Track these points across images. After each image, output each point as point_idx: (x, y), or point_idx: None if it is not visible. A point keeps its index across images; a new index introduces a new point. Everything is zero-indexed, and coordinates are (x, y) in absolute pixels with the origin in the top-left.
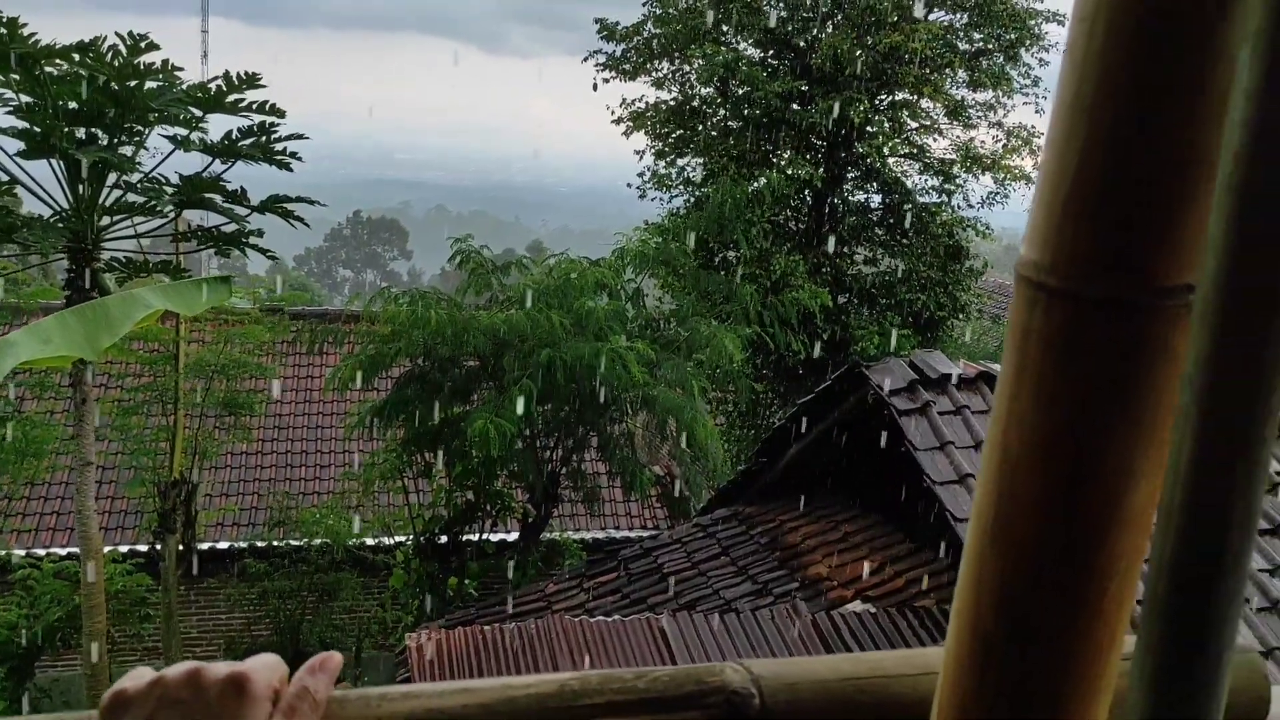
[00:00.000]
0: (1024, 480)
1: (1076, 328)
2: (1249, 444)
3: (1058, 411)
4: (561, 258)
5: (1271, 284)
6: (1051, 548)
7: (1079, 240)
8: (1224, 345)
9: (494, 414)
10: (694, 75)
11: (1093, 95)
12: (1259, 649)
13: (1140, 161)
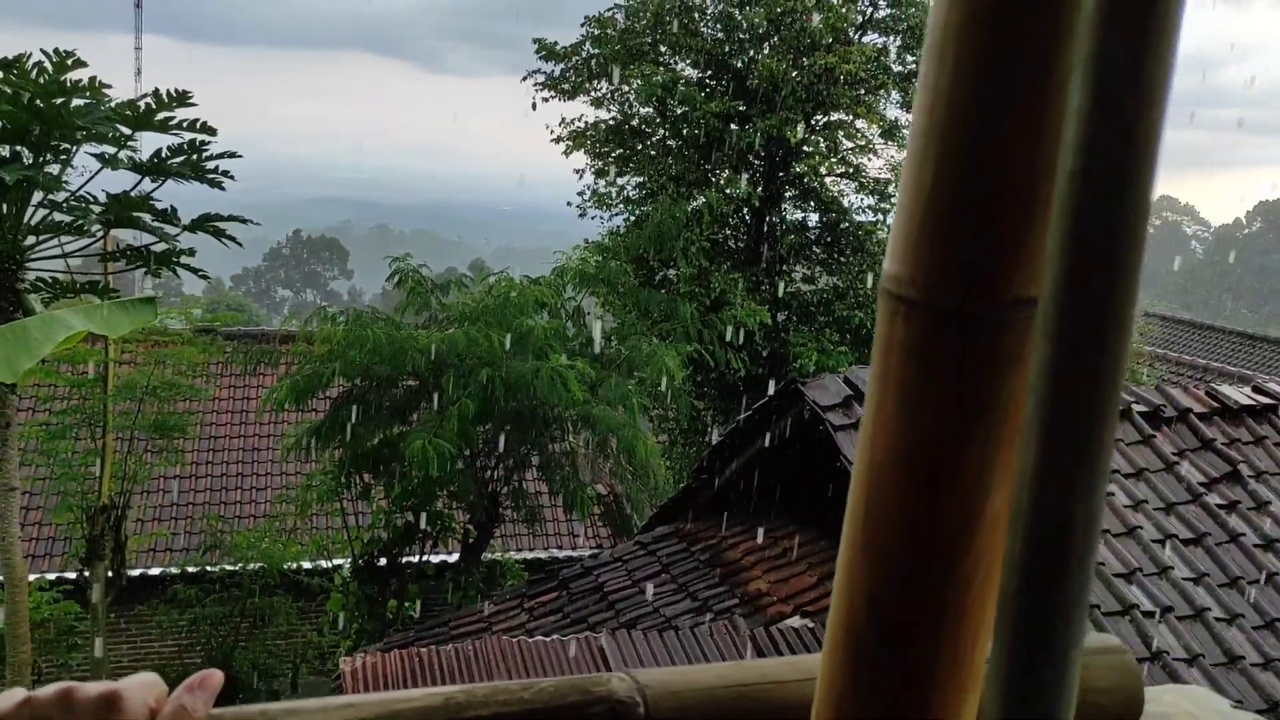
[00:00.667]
0: (889, 487)
1: (933, 339)
2: (1088, 451)
3: (918, 420)
4: (501, 276)
5: (1104, 298)
6: (916, 552)
7: (934, 255)
8: (1062, 356)
9: (433, 434)
10: (633, 95)
11: (943, 118)
12: (1144, 654)
13: (987, 181)
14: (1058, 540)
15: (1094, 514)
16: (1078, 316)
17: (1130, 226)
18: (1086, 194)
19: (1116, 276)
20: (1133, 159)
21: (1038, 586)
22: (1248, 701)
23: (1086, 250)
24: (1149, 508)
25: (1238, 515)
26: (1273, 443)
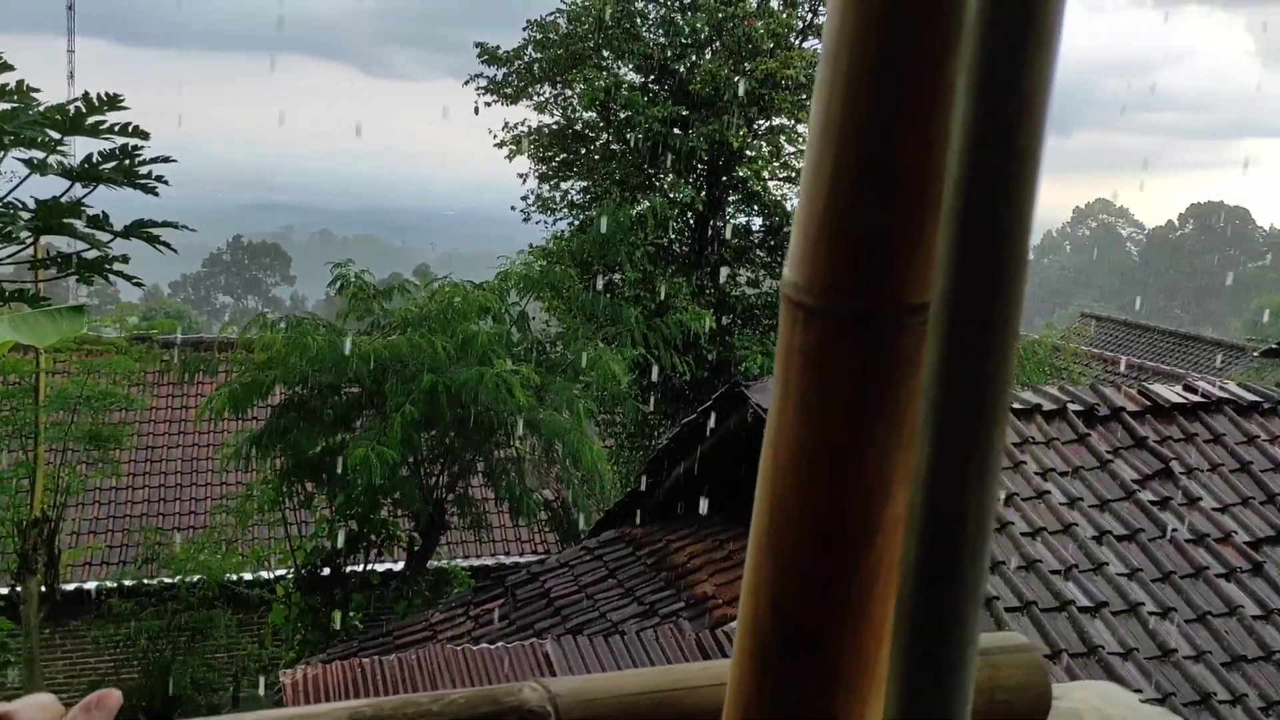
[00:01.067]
0: (791, 491)
1: (832, 344)
2: (978, 449)
3: (819, 425)
4: (444, 282)
5: (990, 301)
6: (819, 555)
7: (831, 261)
8: (951, 359)
9: (376, 441)
10: (575, 100)
11: (839, 125)
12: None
13: (882, 187)
14: (950, 537)
15: (986, 511)
16: (965, 320)
17: (1014, 230)
18: (971, 199)
19: (1002, 280)
20: (1015, 164)
21: (931, 584)
22: (1180, 694)
23: (972, 254)
24: (1084, 505)
25: (1170, 511)
26: (1203, 440)
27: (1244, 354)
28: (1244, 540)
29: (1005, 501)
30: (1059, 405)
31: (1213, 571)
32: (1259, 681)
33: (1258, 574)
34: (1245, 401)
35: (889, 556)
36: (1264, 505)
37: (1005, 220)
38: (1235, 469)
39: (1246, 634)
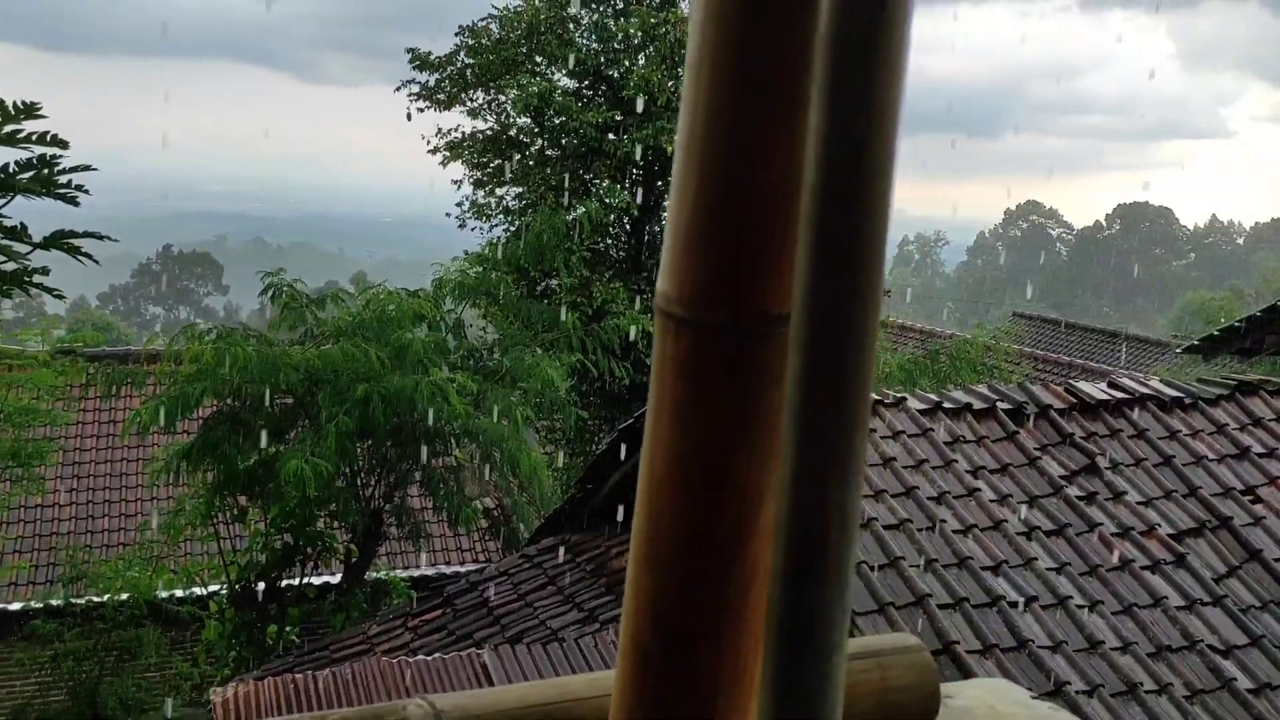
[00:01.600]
0: (666, 500)
1: (701, 355)
2: (840, 456)
3: (691, 433)
4: (379, 289)
5: (846, 312)
6: (694, 562)
7: (698, 273)
8: (810, 367)
9: (310, 453)
10: (509, 105)
11: (701, 139)
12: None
13: (744, 200)
14: (814, 543)
15: (848, 518)
16: (822, 328)
17: (868, 239)
18: (825, 209)
19: (857, 288)
20: (866, 174)
21: (796, 589)
22: (1108, 685)
23: (828, 264)
24: (1014, 501)
25: (1096, 506)
26: (1127, 435)
27: (1169, 350)
28: (1167, 533)
29: (938, 500)
30: (989, 404)
31: (1138, 564)
32: (1183, 670)
33: (1181, 565)
34: (1167, 397)
35: (764, 561)
36: (1186, 498)
37: (859, 229)
38: (1158, 463)
39: (1171, 624)
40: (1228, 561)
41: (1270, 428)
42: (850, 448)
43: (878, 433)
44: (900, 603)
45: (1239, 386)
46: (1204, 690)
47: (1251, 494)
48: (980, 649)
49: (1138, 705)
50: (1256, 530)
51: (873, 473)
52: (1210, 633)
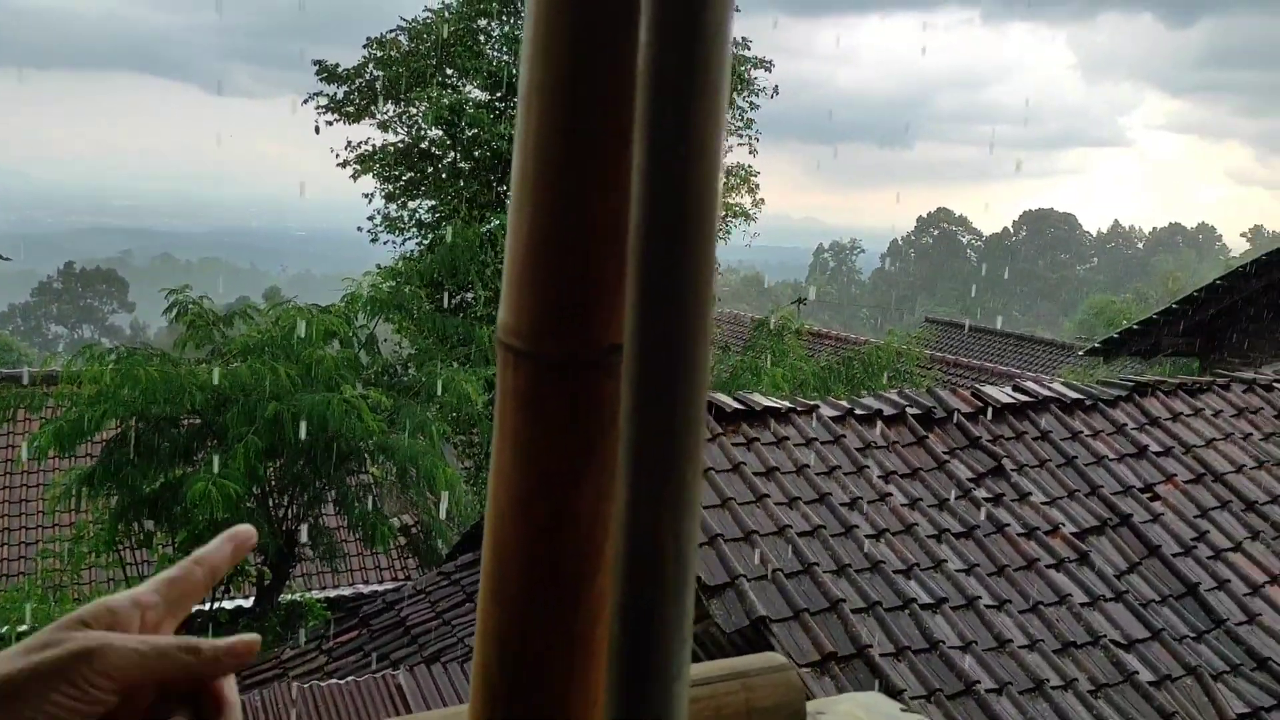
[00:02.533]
0: (511, 533)
1: (541, 387)
2: (673, 489)
3: (533, 466)
4: (288, 306)
5: (674, 342)
6: (541, 596)
7: (536, 305)
8: (642, 400)
9: (217, 474)
10: (420, 118)
11: (533, 168)
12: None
13: (577, 231)
14: (651, 576)
15: (685, 547)
16: (651, 359)
17: (693, 270)
18: (650, 243)
19: (685, 319)
20: (689, 207)
21: (635, 621)
22: (1016, 683)
23: (656, 297)
24: (924, 505)
25: (1003, 507)
26: (1031, 437)
27: (1073, 353)
28: (1071, 531)
29: (850, 505)
30: (899, 409)
31: (1043, 563)
32: (1088, 665)
33: (1084, 563)
34: (1069, 399)
35: (610, 595)
36: (1088, 497)
37: (682, 262)
38: (1061, 464)
39: (1075, 620)
40: (1128, 558)
41: (1166, 427)
42: (683, 476)
43: (791, 440)
44: (815, 609)
45: (1136, 387)
46: (1108, 684)
47: (1150, 491)
48: (893, 652)
49: (1045, 701)
50: (1155, 527)
51: (786, 480)
52: (1113, 628)
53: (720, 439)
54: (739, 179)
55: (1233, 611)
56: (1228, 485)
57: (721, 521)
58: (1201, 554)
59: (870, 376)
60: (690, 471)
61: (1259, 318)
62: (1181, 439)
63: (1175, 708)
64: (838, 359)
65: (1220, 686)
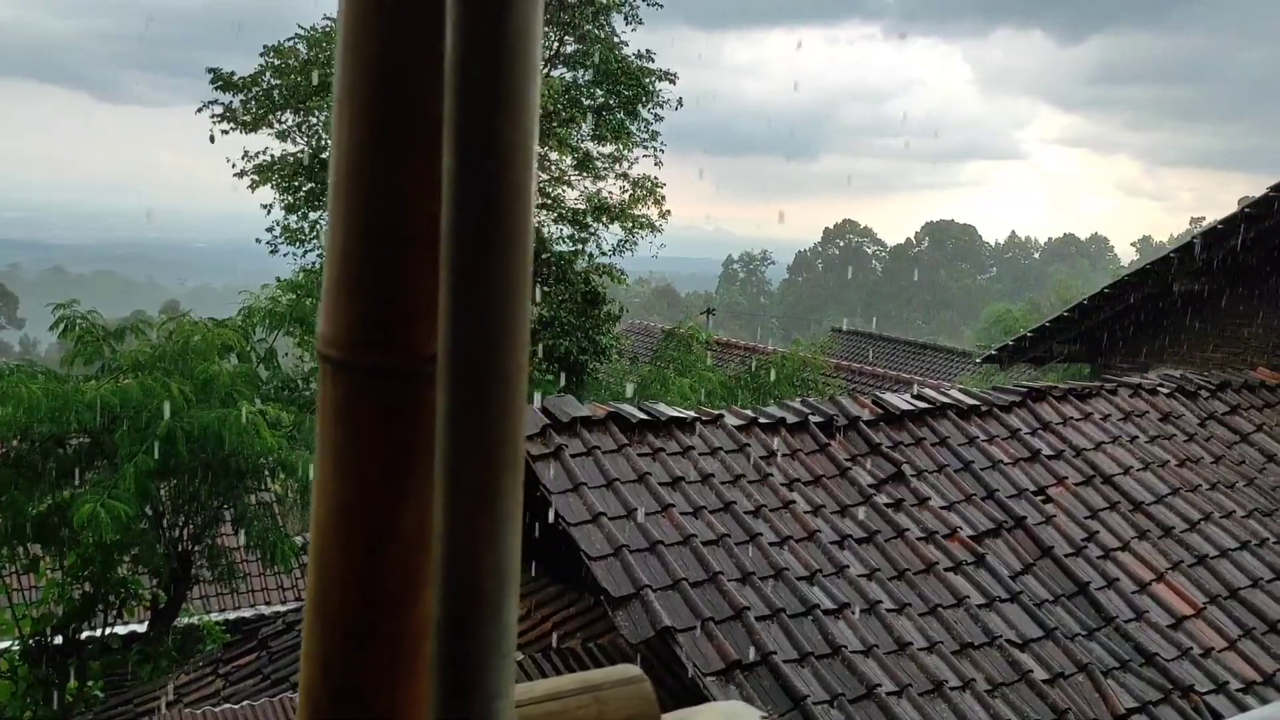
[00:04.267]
0: (333, 549)
1: (359, 397)
2: (490, 501)
3: (353, 480)
4: (183, 319)
5: (488, 352)
6: (364, 613)
7: (352, 315)
8: (456, 411)
9: (107, 495)
10: (321, 128)
11: (346, 181)
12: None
13: (389, 242)
14: (470, 592)
15: (504, 561)
16: (465, 370)
17: (507, 280)
18: (461, 250)
19: (499, 328)
20: (498, 213)
21: (453, 637)
22: (915, 685)
23: (467, 306)
24: (826, 511)
25: (903, 512)
26: (930, 443)
27: (973, 360)
28: (968, 535)
29: (755, 513)
30: (801, 418)
31: (942, 566)
32: (984, 666)
33: (981, 565)
34: (966, 406)
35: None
36: (985, 501)
37: (496, 271)
38: (959, 469)
39: (973, 622)
40: (1023, 559)
41: (1058, 431)
42: (501, 491)
43: (696, 450)
44: (719, 617)
45: (1030, 393)
46: (1004, 684)
47: (1043, 494)
48: (797, 658)
49: (944, 702)
50: (1048, 528)
51: (691, 490)
52: (1009, 628)
53: (625, 450)
54: (645, 190)
55: (1121, 609)
56: (1116, 487)
57: (627, 533)
58: (1092, 554)
59: (776, 385)
60: (508, 483)
61: (1145, 324)
62: (1072, 443)
63: (1068, 704)
64: (745, 369)
65: (1110, 682)
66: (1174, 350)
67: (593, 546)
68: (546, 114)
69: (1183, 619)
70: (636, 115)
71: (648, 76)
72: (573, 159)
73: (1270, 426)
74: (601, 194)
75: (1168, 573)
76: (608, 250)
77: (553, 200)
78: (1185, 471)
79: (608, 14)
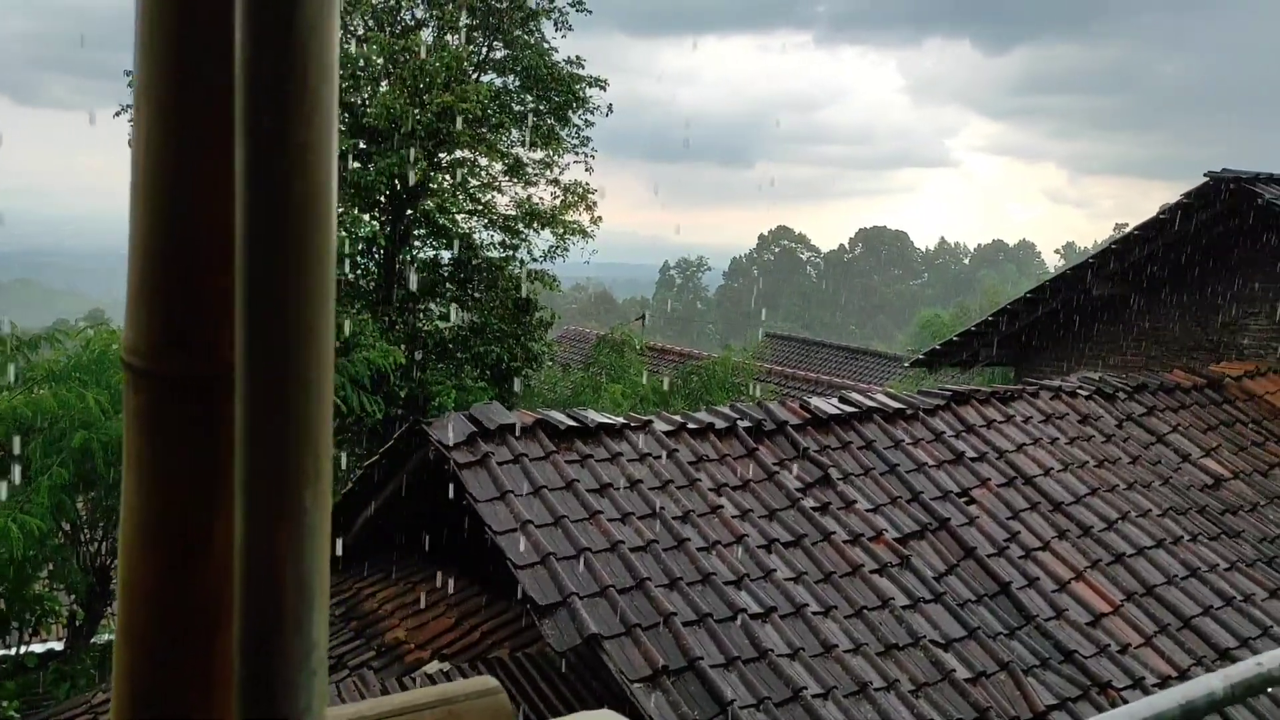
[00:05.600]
0: (141, 568)
1: (163, 407)
2: (289, 515)
3: (159, 492)
4: (100, 328)
5: (285, 361)
6: (173, 633)
7: (153, 321)
8: (254, 423)
9: (18, 509)
10: None
11: (144, 184)
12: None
13: (188, 248)
14: (271, 608)
15: (307, 576)
16: (262, 379)
17: (304, 286)
18: (254, 256)
19: (296, 336)
20: (291, 217)
21: (256, 655)
22: (840, 686)
23: (263, 311)
24: (754, 516)
25: (830, 515)
26: (856, 446)
27: (904, 364)
28: (893, 537)
29: (683, 519)
30: (730, 423)
31: (867, 568)
32: (909, 666)
33: (906, 567)
34: (891, 409)
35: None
36: (910, 503)
37: (292, 277)
38: (885, 471)
39: (897, 623)
40: (946, 560)
41: (981, 434)
42: (300, 502)
43: (624, 456)
44: (646, 624)
45: (954, 397)
46: (927, 684)
47: (966, 496)
48: (723, 663)
49: (869, 704)
50: (971, 529)
51: (619, 496)
52: (932, 628)
53: (553, 457)
54: (576, 196)
55: (1042, 608)
56: (1037, 487)
57: (554, 540)
58: (1013, 554)
59: (708, 390)
60: (310, 496)
61: (1066, 328)
62: (995, 445)
63: (989, 703)
64: (679, 375)
65: (1031, 680)
66: (1094, 353)
67: (519, 555)
68: (475, 119)
69: (1101, 616)
70: (567, 121)
71: (578, 83)
72: (503, 165)
73: (1185, 427)
74: (533, 200)
75: (1086, 571)
76: (539, 256)
77: (483, 206)
78: (1103, 472)
79: (537, 20)
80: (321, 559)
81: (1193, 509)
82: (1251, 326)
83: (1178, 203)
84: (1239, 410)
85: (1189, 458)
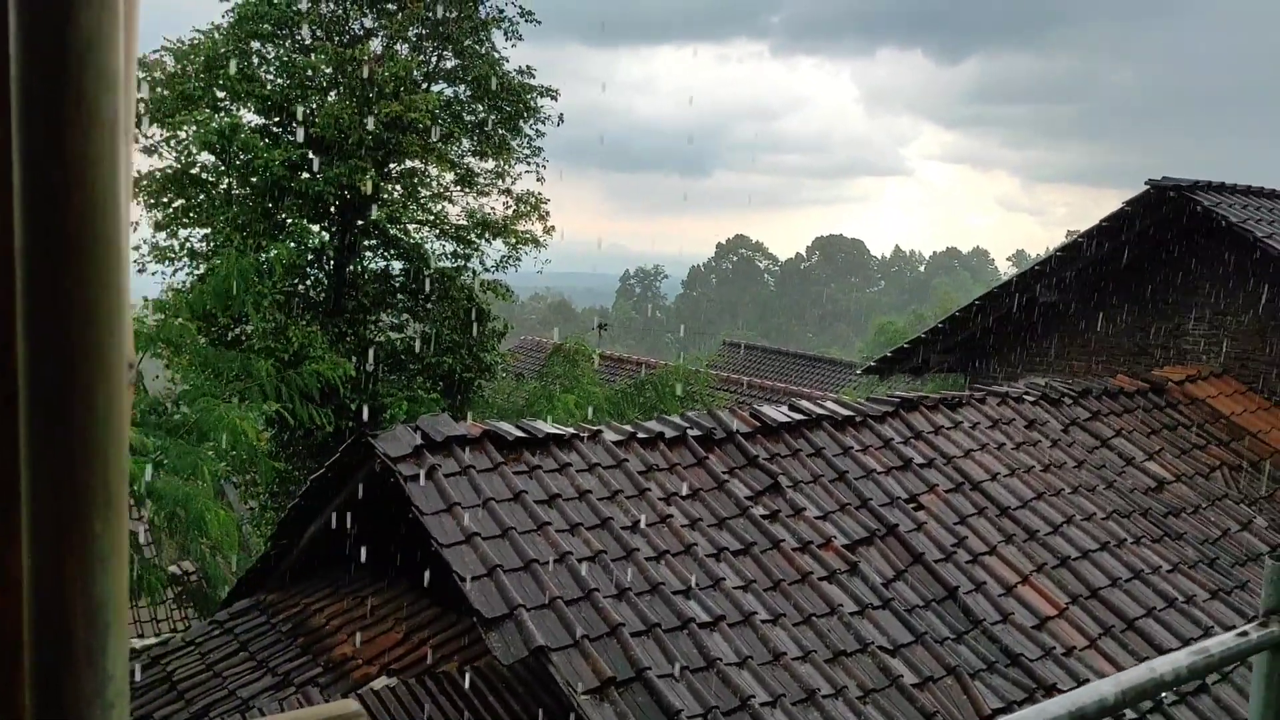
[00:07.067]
0: None
1: None
2: (78, 543)
3: None
4: None
5: (67, 379)
6: None
7: None
8: (37, 446)
9: None
10: (190, 142)
11: None
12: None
13: None
14: (62, 640)
15: (99, 605)
16: (45, 400)
17: (89, 300)
18: (34, 272)
19: (80, 354)
20: (71, 232)
21: (46, 688)
22: (789, 694)
23: (45, 329)
24: (704, 525)
25: (779, 523)
26: (806, 454)
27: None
28: (842, 543)
29: (632, 529)
30: (680, 431)
31: (816, 575)
32: (856, 673)
33: (854, 574)
34: (841, 417)
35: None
36: (859, 510)
37: (76, 290)
38: (834, 478)
39: (845, 630)
40: (895, 566)
41: (929, 440)
42: (89, 530)
43: (574, 466)
44: (594, 634)
45: (903, 403)
46: (875, 690)
47: (914, 502)
48: (671, 673)
49: (816, 711)
50: (919, 535)
51: (568, 506)
52: (880, 634)
53: (501, 468)
54: (529, 206)
55: (988, 612)
56: (984, 493)
57: (501, 552)
58: (961, 559)
59: (662, 399)
60: (101, 523)
61: (1014, 334)
62: (943, 451)
63: (937, 707)
64: (634, 384)
65: (977, 684)
66: (1041, 359)
67: (466, 567)
68: (425, 129)
69: (1046, 619)
70: (518, 131)
71: (529, 93)
72: (454, 175)
73: (1129, 431)
74: (484, 210)
75: (1032, 575)
76: (491, 266)
77: (435, 216)
78: (1049, 476)
79: (487, 30)
80: (117, 587)
81: (1136, 512)
82: (1193, 331)
83: (1120, 211)
84: (1181, 414)
85: (1132, 461)
